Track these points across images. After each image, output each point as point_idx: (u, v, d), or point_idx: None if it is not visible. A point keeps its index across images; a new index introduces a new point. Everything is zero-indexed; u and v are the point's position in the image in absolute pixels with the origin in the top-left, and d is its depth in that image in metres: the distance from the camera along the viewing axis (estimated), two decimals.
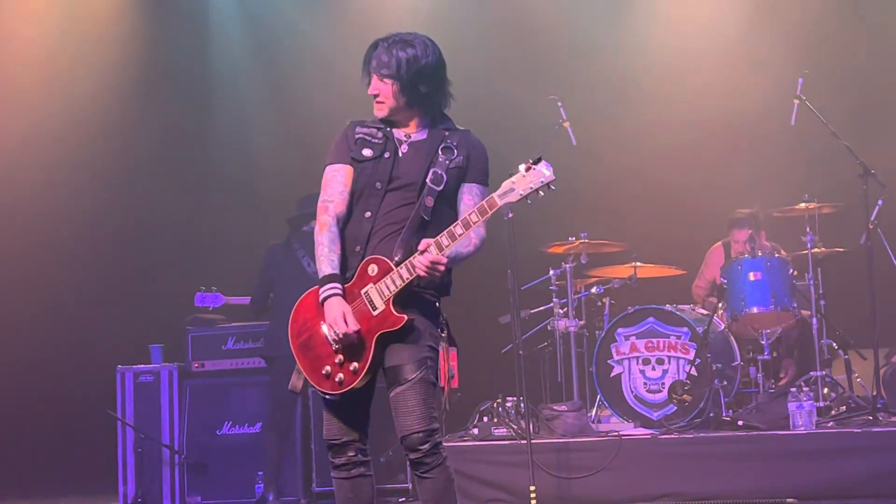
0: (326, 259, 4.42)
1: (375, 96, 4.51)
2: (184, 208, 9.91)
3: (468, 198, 4.47)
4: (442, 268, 4.28)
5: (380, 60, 4.47)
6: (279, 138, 9.94)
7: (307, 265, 7.64)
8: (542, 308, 8.25)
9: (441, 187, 4.43)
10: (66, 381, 9.51)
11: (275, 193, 9.24)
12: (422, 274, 4.28)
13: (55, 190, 9.72)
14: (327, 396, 4.42)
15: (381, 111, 4.53)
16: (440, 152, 4.47)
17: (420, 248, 4.29)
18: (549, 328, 8.17)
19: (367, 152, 4.49)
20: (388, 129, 4.54)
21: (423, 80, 4.48)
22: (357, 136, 4.54)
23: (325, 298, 4.36)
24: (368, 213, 4.44)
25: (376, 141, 4.51)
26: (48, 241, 9.70)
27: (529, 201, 4.30)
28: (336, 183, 4.51)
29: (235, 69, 10.27)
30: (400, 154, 4.49)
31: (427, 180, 4.42)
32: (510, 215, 6.70)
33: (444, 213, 4.45)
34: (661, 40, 9.57)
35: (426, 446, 4.33)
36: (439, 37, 4.53)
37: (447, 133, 4.53)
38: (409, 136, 4.53)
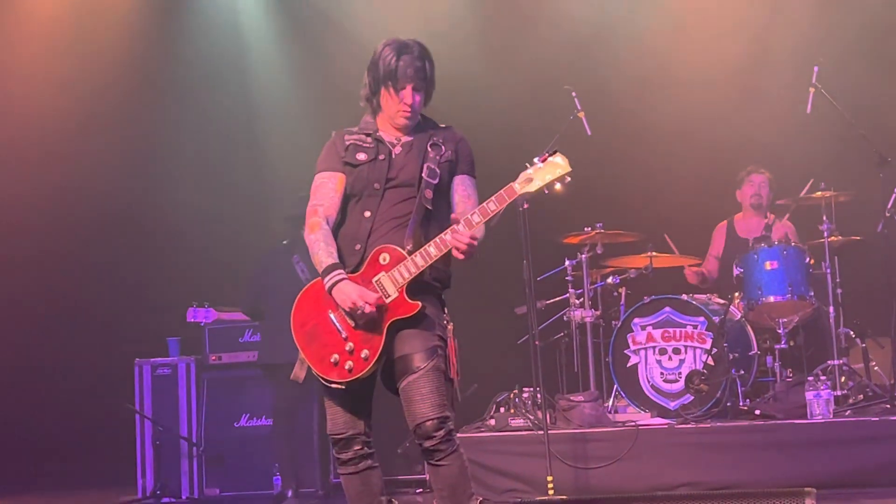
0: (325, 252, 4.46)
1: (410, 106, 4.51)
2: (202, 204, 9.91)
3: (462, 188, 4.59)
4: (476, 243, 4.34)
5: (417, 69, 4.47)
6: (292, 138, 9.93)
7: (300, 271, 7.64)
8: (558, 298, 8.23)
9: (436, 181, 4.51)
10: (84, 374, 9.56)
11: (288, 194, 9.25)
12: (462, 247, 4.29)
13: (73, 185, 9.72)
14: (333, 385, 4.43)
15: (412, 119, 4.58)
16: (429, 149, 4.54)
17: (453, 218, 4.36)
18: (565, 318, 8.15)
19: (361, 156, 4.55)
20: (377, 132, 4.59)
21: (433, 85, 4.59)
22: (347, 143, 4.58)
23: (334, 284, 4.39)
24: (368, 213, 4.50)
25: (367, 145, 4.57)
26: (66, 236, 9.72)
27: (546, 191, 4.40)
28: (326, 189, 4.57)
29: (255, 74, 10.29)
30: (393, 155, 4.55)
31: (423, 175, 4.49)
32: (525, 206, 6.69)
33: (441, 205, 4.54)
34: (676, 30, 9.53)
35: (441, 433, 4.35)
36: (453, 29, 4.51)
37: (432, 131, 4.61)
38: (399, 139, 4.60)
